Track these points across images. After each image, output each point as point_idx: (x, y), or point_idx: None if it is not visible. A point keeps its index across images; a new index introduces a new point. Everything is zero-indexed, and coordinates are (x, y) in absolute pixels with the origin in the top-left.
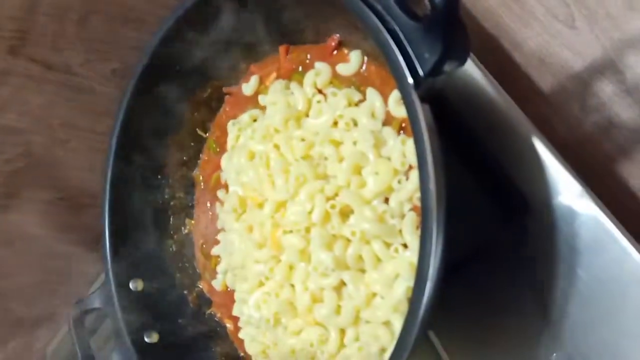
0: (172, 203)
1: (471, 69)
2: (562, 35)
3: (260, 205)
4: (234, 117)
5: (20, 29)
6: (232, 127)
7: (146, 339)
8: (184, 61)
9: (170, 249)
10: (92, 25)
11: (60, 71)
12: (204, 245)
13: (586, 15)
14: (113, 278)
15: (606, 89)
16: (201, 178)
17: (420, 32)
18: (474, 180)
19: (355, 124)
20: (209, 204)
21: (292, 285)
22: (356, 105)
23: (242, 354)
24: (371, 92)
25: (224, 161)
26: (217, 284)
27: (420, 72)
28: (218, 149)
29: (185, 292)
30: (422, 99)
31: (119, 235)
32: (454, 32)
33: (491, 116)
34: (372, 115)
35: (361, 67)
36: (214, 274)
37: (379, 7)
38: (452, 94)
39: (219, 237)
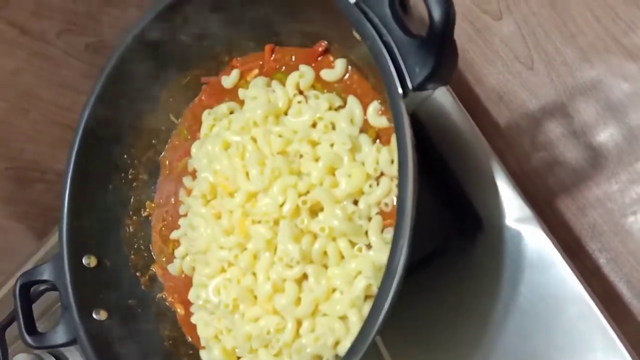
0: (134, 184)
1: (444, 95)
2: (521, 75)
3: (231, 194)
4: (210, 107)
5: None
6: (207, 117)
7: (94, 316)
8: (167, 45)
9: (128, 229)
10: None
11: (36, 38)
12: (163, 229)
13: (544, 60)
14: (67, 251)
15: (555, 130)
16: (167, 163)
17: (413, 47)
18: (436, 195)
19: (334, 128)
20: (173, 189)
21: (254, 274)
22: (336, 110)
23: (189, 339)
24: (352, 100)
25: (194, 148)
26: (173, 269)
27: (409, 85)
28: (189, 136)
29: (138, 273)
30: (407, 111)
31: (76, 210)
32: (446, 52)
33: (456, 140)
34: (351, 121)
35: (344, 75)
36: (170, 258)
37: (376, 20)
38: (423, 115)
39: (181, 222)
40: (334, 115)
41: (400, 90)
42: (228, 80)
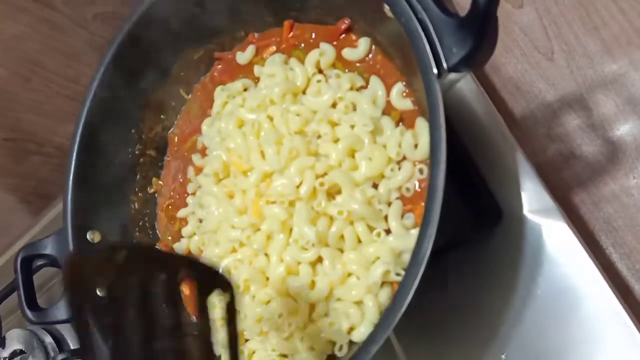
0: (141, 160)
1: (466, 81)
2: (540, 65)
3: (245, 173)
4: (222, 83)
5: None
6: (220, 93)
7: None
8: (180, 18)
9: (133, 206)
10: None
11: (42, 3)
12: (170, 207)
13: (565, 51)
14: (71, 225)
15: (573, 122)
16: (176, 140)
17: (451, 26)
18: (455, 184)
19: (355, 109)
20: (180, 166)
21: (267, 255)
22: (358, 90)
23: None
24: (374, 80)
25: (205, 126)
26: (180, 247)
27: (445, 65)
28: (200, 113)
29: None
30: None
31: (81, 183)
32: (488, 31)
33: (477, 128)
34: (373, 102)
35: (367, 54)
36: (177, 237)
37: None
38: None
39: (189, 200)
40: (355, 95)
41: (435, 70)
42: (243, 57)
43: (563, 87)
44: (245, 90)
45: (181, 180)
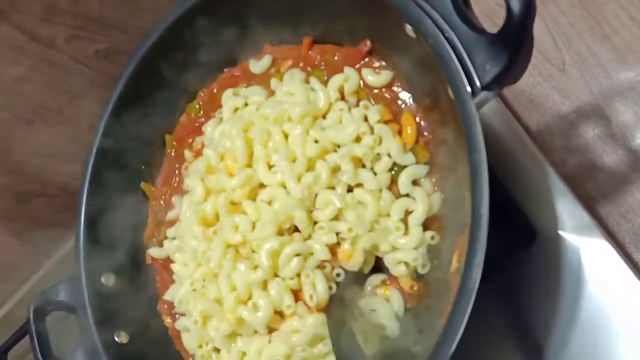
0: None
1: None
2: (552, 77)
3: (231, 175)
4: (232, 87)
5: None
6: (229, 97)
7: (116, 339)
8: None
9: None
10: (87, 1)
11: (44, 44)
12: (158, 212)
13: (577, 61)
14: (84, 269)
15: (591, 133)
16: (174, 144)
17: (481, 44)
18: None
19: (380, 142)
20: (175, 167)
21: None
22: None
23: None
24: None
25: (209, 127)
26: (159, 252)
27: (478, 84)
28: (201, 113)
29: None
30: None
31: (92, 225)
32: (523, 47)
33: (502, 145)
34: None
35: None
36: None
37: (437, 15)
38: None
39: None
40: (383, 129)
41: (468, 89)
42: (257, 66)
43: (578, 98)
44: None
45: (175, 184)
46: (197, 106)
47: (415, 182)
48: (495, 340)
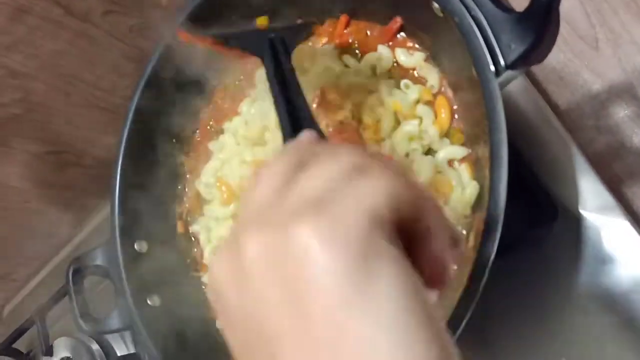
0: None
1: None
2: (584, 55)
3: None
4: None
5: None
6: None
7: (148, 302)
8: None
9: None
10: None
11: (80, 19)
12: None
13: (610, 39)
14: (119, 236)
15: (622, 112)
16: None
17: (508, 22)
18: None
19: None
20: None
21: None
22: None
23: None
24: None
25: (244, 106)
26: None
27: (502, 63)
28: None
29: (188, 260)
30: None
31: (127, 194)
32: (549, 26)
33: (527, 123)
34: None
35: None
36: None
37: None
38: None
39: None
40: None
41: (492, 68)
42: None
43: (610, 77)
44: None
45: None
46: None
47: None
48: (512, 316)
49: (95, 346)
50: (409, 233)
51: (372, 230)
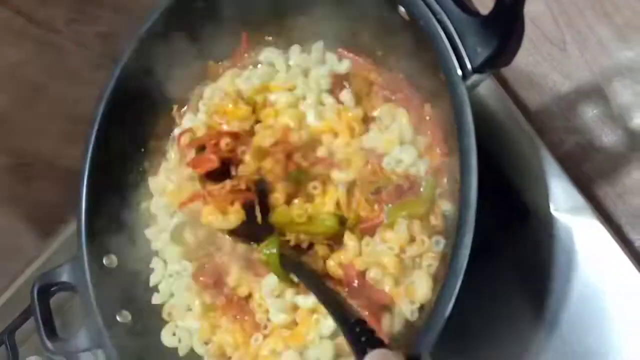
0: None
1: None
2: (552, 57)
3: None
4: None
5: None
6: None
7: (118, 319)
8: None
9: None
10: None
11: (43, 28)
12: None
13: (577, 40)
14: (86, 251)
15: (590, 113)
16: None
17: (473, 26)
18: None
19: None
20: None
21: None
22: None
23: None
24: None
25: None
26: None
27: (469, 66)
28: None
29: None
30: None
31: (94, 206)
32: (514, 30)
33: (496, 125)
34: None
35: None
36: None
37: None
38: None
39: None
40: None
41: (459, 72)
42: None
43: (578, 78)
44: None
45: None
46: None
47: None
48: (486, 319)
49: None
50: None
51: None
